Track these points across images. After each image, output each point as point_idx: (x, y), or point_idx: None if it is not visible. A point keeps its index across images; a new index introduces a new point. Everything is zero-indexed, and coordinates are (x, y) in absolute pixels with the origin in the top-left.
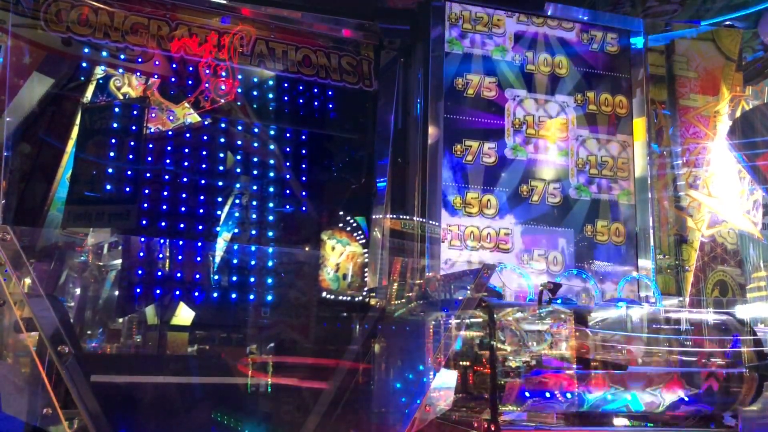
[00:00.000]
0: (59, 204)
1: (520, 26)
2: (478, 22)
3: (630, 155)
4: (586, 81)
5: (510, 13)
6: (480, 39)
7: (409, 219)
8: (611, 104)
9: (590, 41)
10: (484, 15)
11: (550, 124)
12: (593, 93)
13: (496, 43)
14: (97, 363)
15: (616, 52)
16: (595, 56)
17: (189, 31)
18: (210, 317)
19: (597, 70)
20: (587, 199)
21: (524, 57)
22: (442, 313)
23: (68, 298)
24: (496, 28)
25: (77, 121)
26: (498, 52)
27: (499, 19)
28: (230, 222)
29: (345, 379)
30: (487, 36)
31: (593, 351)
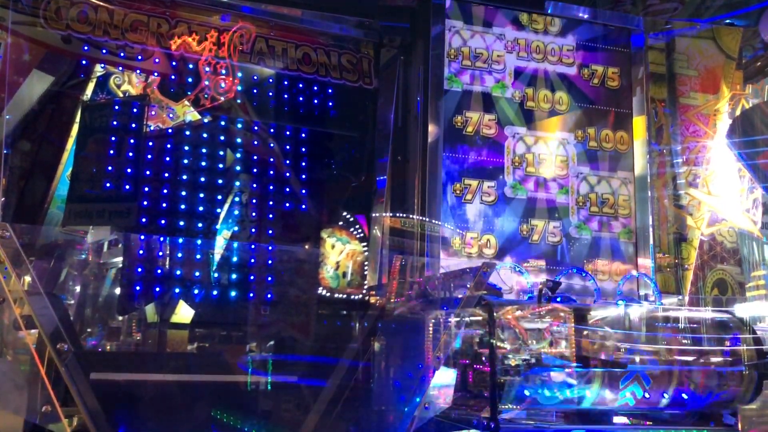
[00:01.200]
0: (59, 202)
1: (520, 62)
2: (477, 59)
3: (631, 192)
4: (587, 117)
5: (510, 49)
6: (479, 75)
7: (409, 217)
8: (612, 140)
9: (591, 76)
10: (484, 51)
11: (550, 161)
12: (594, 129)
13: (495, 79)
14: (97, 360)
15: (617, 87)
16: (595, 91)
17: (189, 28)
18: (210, 315)
19: (598, 105)
20: (588, 238)
21: (524, 93)
22: (442, 311)
23: (68, 296)
24: (496, 64)
25: (77, 119)
26: (498, 89)
27: (499, 55)
28: (230, 220)
29: (344, 377)
30: (486, 72)
31: (593, 349)
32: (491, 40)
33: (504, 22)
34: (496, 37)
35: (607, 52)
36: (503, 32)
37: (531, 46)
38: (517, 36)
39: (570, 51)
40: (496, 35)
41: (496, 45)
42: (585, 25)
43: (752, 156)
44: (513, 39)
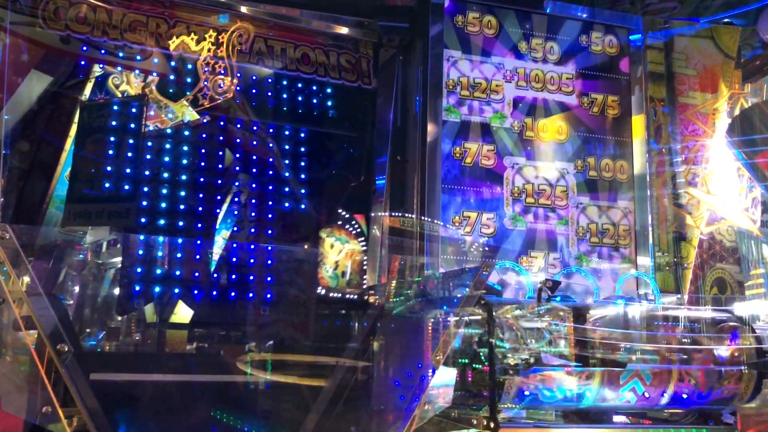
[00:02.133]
0: (58, 202)
1: (519, 91)
2: (476, 88)
3: (631, 222)
4: (587, 146)
5: (509, 78)
6: (478, 106)
7: (408, 217)
8: (612, 169)
9: (590, 105)
10: (483, 81)
11: (549, 192)
12: (593, 158)
13: (494, 109)
14: (97, 361)
15: (617, 115)
16: (595, 120)
17: (187, 28)
18: (209, 315)
19: (598, 134)
20: (588, 269)
21: (523, 123)
22: (441, 310)
23: (67, 297)
24: (495, 94)
25: (76, 119)
26: (497, 119)
27: (498, 85)
28: (229, 220)
29: (344, 377)
30: (485, 102)
31: (592, 348)
32: (490, 69)
33: (503, 50)
34: (495, 66)
35: (606, 80)
36: (502, 61)
37: (530, 75)
38: (516, 65)
39: (569, 79)
40: (495, 64)
41: (495, 75)
42: (584, 53)
43: (751, 155)
44: (512, 68)
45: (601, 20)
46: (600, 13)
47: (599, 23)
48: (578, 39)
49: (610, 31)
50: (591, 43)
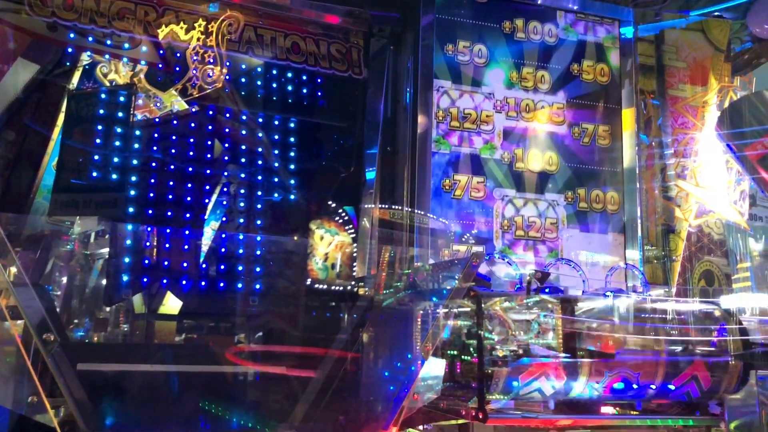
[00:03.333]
0: (45, 192)
1: (509, 121)
2: (466, 119)
3: (621, 254)
4: (577, 177)
5: (499, 108)
6: (468, 136)
7: (398, 208)
8: (602, 201)
9: (581, 135)
10: (473, 111)
11: (539, 224)
12: (584, 190)
13: (484, 140)
14: (84, 351)
15: (608, 145)
16: (585, 150)
17: (177, 17)
18: (198, 306)
19: (588, 165)
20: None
21: (513, 154)
22: (431, 302)
23: (55, 287)
24: (485, 125)
25: (63, 108)
26: (486, 150)
27: (488, 115)
28: (218, 210)
29: (333, 368)
30: (475, 133)
31: (581, 340)
32: (480, 99)
33: (493, 80)
34: (485, 96)
35: (597, 109)
36: (492, 91)
37: (520, 105)
38: (506, 95)
39: (560, 109)
40: (485, 94)
41: (485, 104)
42: (575, 82)
43: (740, 147)
44: (502, 98)
45: (592, 12)
46: (591, 5)
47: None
48: (569, 67)
49: (602, 59)
50: (582, 72)
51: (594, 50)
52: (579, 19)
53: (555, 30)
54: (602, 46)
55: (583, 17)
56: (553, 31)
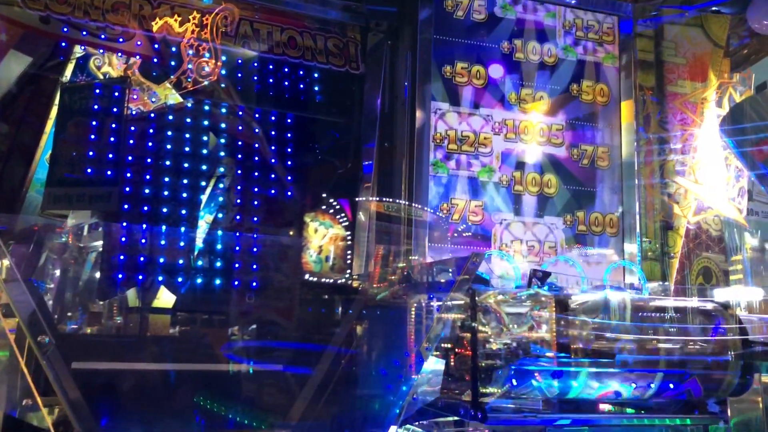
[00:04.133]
0: (38, 186)
1: (507, 144)
2: (464, 142)
3: (621, 278)
4: (576, 200)
5: (498, 130)
6: (466, 160)
7: (395, 202)
8: (601, 224)
9: (580, 157)
10: (471, 134)
11: (537, 248)
12: (583, 212)
13: (482, 163)
14: (79, 349)
15: (607, 167)
16: (585, 172)
17: (171, 10)
18: (193, 302)
19: (587, 187)
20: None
21: (512, 177)
22: (430, 301)
23: (48, 281)
24: (483, 147)
25: (56, 102)
26: (485, 173)
27: (487, 138)
28: (214, 206)
29: (329, 365)
30: (473, 156)
31: (580, 339)
32: (478, 122)
33: (492, 102)
34: (484, 118)
35: (596, 130)
36: (491, 113)
37: (519, 127)
38: (505, 117)
39: (559, 131)
40: (484, 116)
41: (483, 127)
42: (575, 102)
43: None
44: (501, 120)
45: (591, 7)
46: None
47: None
48: (569, 88)
49: (602, 79)
50: (582, 92)
51: (593, 70)
52: (579, 38)
53: (554, 50)
54: (601, 66)
55: (583, 36)
56: (552, 51)
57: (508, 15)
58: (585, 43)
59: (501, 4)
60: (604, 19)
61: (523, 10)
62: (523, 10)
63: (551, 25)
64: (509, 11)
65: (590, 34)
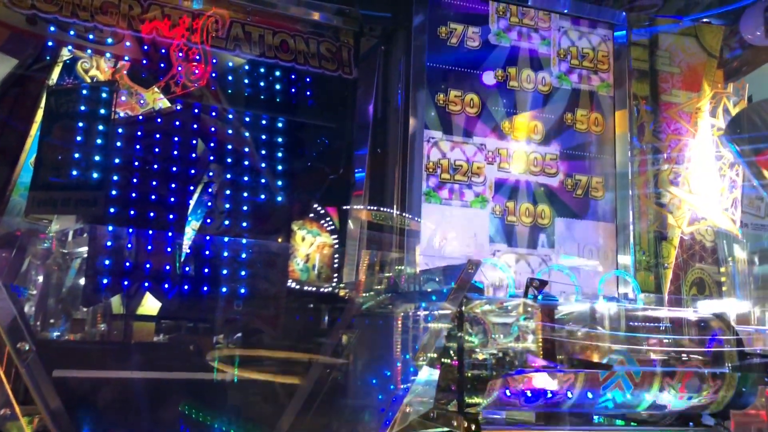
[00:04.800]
0: (22, 189)
1: (501, 173)
2: (457, 171)
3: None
4: (569, 231)
5: (491, 160)
6: (459, 189)
7: (387, 211)
8: (595, 254)
9: (575, 187)
10: (464, 163)
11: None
12: (576, 244)
13: (475, 193)
14: (61, 356)
15: (602, 197)
16: (579, 203)
17: (162, 12)
18: (178, 309)
19: (582, 218)
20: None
21: (505, 207)
22: (422, 309)
23: (30, 287)
24: (476, 177)
25: (42, 104)
26: (477, 204)
27: (480, 167)
28: (202, 211)
29: (318, 375)
30: (466, 186)
31: (576, 350)
32: (471, 151)
33: (485, 131)
34: (477, 147)
35: (591, 160)
36: (484, 142)
37: (513, 156)
38: (498, 146)
39: (553, 160)
40: (477, 145)
41: (476, 156)
42: (569, 131)
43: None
44: (494, 149)
45: (585, 15)
46: (583, 8)
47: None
48: (563, 117)
49: (596, 108)
50: (576, 121)
51: (588, 99)
52: (574, 66)
53: (549, 78)
54: (596, 95)
55: (578, 64)
56: (546, 79)
57: (502, 42)
58: (580, 71)
59: (495, 31)
60: (599, 46)
61: (518, 38)
62: (517, 38)
63: (546, 53)
64: (503, 39)
65: (585, 62)
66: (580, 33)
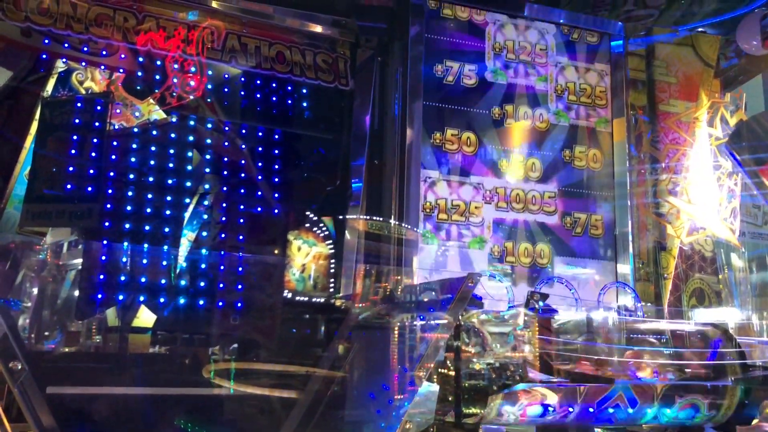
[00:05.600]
0: (16, 202)
1: (499, 213)
2: (454, 211)
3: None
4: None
5: (489, 199)
6: (457, 230)
7: (385, 221)
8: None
9: (573, 225)
10: (461, 203)
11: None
12: (576, 283)
13: (473, 233)
14: (54, 372)
15: (601, 235)
16: (578, 242)
17: (157, 24)
18: (174, 321)
19: (580, 256)
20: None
21: (503, 248)
22: (422, 321)
23: (25, 300)
24: (474, 216)
25: (37, 116)
26: (476, 244)
27: (477, 207)
28: (197, 224)
29: (316, 388)
30: (464, 226)
31: (576, 363)
32: (468, 191)
33: (483, 169)
34: (474, 186)
35: (590, 197)
36: (482, 181)
37: (510, 195)
38: (496, 184)
39: (551, 198)
40: (474, 185)
41: (474, 196)
42: (567, 169)
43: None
44: (492, 188)
45: (582, 25)
46: (579, 18)
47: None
48: (561, 154)
49: (594, 144)
50: (574, 158)
51: (586, 135)
52: (571, 102)
53: (546, 115)
54: (595, 131)
55: (575, 100)
56: (544, 116)
57: (499, 80)
58: (577, 107)
59: (492, 68)
60: (597, 82)
61: (515, 75)
62: (514, 75)
63: (543, 90)
64: (500, 76)
65: (583, 97)
66: (578, 68)
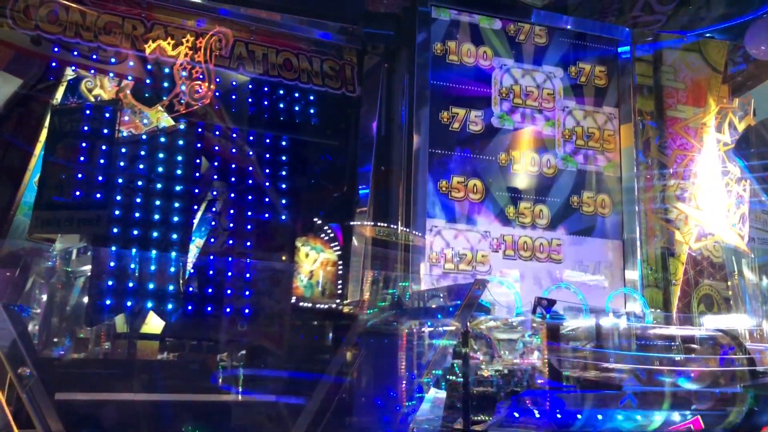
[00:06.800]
0: (26, 209)
1: (506, 261)
2: (461, 260)
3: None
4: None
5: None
6: (464, 281)
7: (392, 227)
8: None
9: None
10: (468, 252)
11: None
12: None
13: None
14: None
15: (609, 285)
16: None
17: (165, 31)
18: (182, 327)
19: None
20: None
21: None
22: (429, 327)
23: (34, 306)
24: (481, 266)
25: (46, 124)
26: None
27: (484, 256)
28: (205, 230)
29: (323, 393)
30: (470, 276)
31: (587, 370)
32: (476, 239)
33: (490, 217)
34: (481, 235)
35: (598, 244)
36: (489, 229)
37: (518, 243)
38: (503, 232)
39: (559, 245)
40: (481, 233)
41: (480, 244)
42: (576, 215)
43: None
44: (499, 236)
45: (589, 31)
46: (586, 24)
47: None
48: (569, 200)
49: (603, 189)
50: (582, 204)
51: (594, 180)
52: (579, 147)
53: (554, 160)
54: (603, 176)
55: (583, 145)
56: (551, 161)
57: (505, 125)
58: (585, 151)
59: (498, 114)
60: (605, 125)
61: (521, 120)
62: (521, 120)
63: (550, 135)
64: (507, 122)
65: (591, 141)
66: (586, 112)
